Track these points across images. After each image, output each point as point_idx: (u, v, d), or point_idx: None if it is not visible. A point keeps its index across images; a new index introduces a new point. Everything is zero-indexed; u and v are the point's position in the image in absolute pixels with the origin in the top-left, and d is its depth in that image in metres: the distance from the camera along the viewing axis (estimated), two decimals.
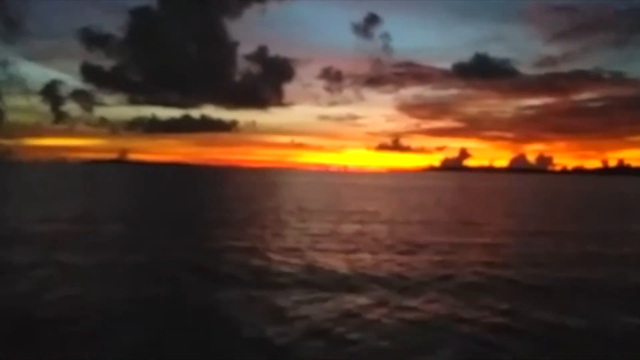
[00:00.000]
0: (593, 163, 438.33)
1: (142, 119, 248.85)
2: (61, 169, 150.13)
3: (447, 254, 14.38)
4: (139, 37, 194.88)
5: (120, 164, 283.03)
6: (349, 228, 19.99)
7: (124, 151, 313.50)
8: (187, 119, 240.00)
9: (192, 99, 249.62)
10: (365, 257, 13.53)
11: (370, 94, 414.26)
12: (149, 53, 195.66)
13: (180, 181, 76.00)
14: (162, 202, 35.01)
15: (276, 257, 13.21)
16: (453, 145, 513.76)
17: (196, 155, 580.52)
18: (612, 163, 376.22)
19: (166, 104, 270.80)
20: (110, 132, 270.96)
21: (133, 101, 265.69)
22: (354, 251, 14.51)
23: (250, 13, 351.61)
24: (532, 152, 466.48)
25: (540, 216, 28.65)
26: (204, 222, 21.55)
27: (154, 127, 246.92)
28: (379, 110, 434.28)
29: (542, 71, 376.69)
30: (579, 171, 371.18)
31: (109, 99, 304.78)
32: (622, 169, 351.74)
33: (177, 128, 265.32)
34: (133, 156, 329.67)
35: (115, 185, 60.66)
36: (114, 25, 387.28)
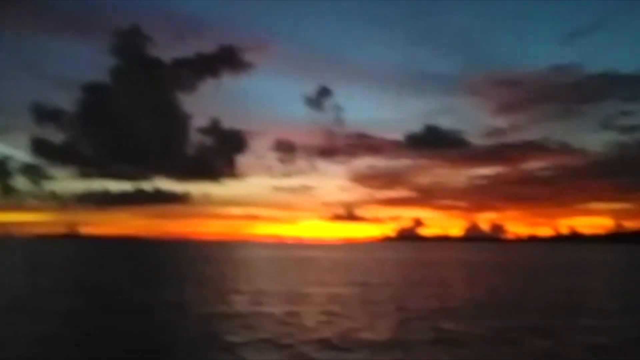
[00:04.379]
0: (545, 231, 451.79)
1: (93, 192, 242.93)
2: (8, 244, 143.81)
3: None
4: (91, 111, 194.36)
5: (71, 238, 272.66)
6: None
7: (74, 225, 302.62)
8: (139, 191, 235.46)
9: (144, 171, 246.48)
10: None
11: (323, 164, 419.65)
12: (101, 127, 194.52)
13: (129, 256, 73.74)
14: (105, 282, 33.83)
15: None
16: (407, 215, 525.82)
17: (149, 228, 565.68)
18: (564, 230, 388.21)
19: (118, 177, 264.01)
20: (60, 205, 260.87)
21: (84, 175, 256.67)
22: None
23: (205, 87, 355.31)
24: (484, 220, 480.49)
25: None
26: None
27: (105, 200, 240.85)
28: (333, 181, 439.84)
29: (491, 141, 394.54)
30: (532, 239, 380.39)
31: (59, 172, 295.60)
32: (574, 237, 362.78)
33: (129, 201, 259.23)
34: (84, 230, 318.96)
35: (58, 262, 58.33)
36: (66, 100, 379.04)
